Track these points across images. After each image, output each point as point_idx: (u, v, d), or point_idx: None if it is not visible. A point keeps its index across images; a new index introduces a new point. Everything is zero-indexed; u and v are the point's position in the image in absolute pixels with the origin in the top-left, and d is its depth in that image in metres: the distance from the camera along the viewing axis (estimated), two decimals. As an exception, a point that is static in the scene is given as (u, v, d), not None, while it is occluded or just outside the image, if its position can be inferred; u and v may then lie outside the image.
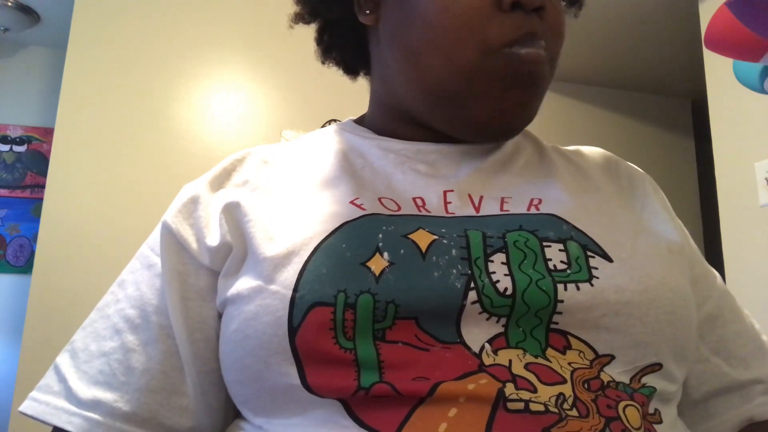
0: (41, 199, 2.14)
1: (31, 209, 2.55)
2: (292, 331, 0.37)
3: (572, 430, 0.34)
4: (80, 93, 2.04)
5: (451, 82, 0.46)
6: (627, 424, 0.36)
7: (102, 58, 2.09)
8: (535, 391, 0.36)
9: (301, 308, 0.38)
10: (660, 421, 0.40)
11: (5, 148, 2.57)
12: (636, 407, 0.38)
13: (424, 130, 0.52)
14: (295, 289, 0.38)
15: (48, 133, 2.55)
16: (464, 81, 0.46)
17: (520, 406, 0.35)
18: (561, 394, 0.36)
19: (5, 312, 2.47)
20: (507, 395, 0.35)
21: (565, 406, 0.36)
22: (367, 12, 0.53)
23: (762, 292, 1.73)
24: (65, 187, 1.96)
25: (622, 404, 0.37)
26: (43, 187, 2.26)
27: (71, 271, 1.90)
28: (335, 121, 2.10)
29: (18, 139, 2.58)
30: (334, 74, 0.65)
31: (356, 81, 0.65)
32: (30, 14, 2.36)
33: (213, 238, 0.46)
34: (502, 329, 0.38)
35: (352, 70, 0.63)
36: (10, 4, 2.27)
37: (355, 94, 0.88)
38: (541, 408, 0.35)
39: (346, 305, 0.37)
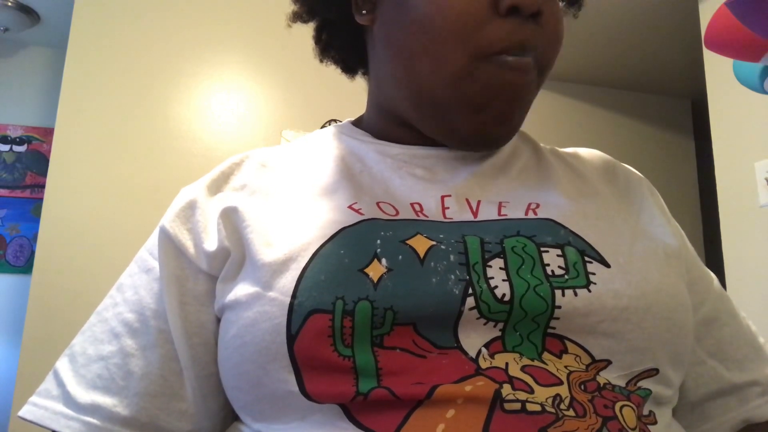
0: (41, 199, 2.14)
1: (31, 209, 2.55)
2: (291, 338, 0.37)
3: (569, 430, 0.34)
4: (80, 93, 2.04)
5: (439, 89, 0.46)
6: (624, 424, 0.36)
7: (102, 58, 2.09)
8: (531, 392, 0.36)
9: (299, 315, 0.38)
10: (655, 422, 0.40)
11: (5, 148, 2.57)
12: (632, 407, 0.38)
13: (420, 133, 0.52)
14: (294, 296, 0.38)
15: (48, 133, 2.55)
16: (451, 87, 0.45)
17: (517, 406, 0.35)
18: (558, 395, 0.36)
19: (5, 312, 2.47)
20: (504, 396, 0.35)
21: (562, 406, 0.36)
22: (364, 12, 0.53)
23: (762, 292, 1.73)
24: (65, 187, 1.96)
25: (618, 404, 0.37)
26: (43, 187, 2.26)
27: (71, 271, 1.90)
28: (335, 121, 2.10)
29: (18, 139, 2.58)
30: (334, 74, 0.65)
31: (356, 81, 0.65)
32: (30, 14, 2.36)
33: (211, 243, 0.45)
34: (499, 333, 0.38)
35: (350, 69, 0.62)
36: (10, 4, 2.27)
37: (354, 95, 0.88)
38: (538, 408, 0.35)
39: (345, 312, 0.37)
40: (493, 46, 0.44)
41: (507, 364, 0.37)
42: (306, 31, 0.62)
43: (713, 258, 2.29)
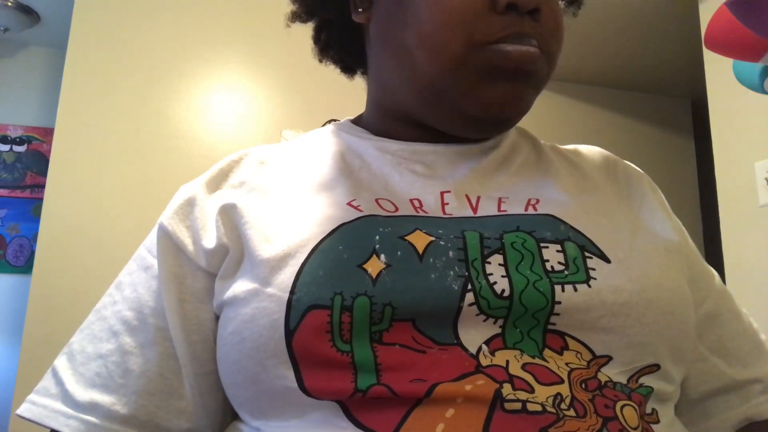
0: (41, 199, 2.14)
1: (31, 209, 2.55)
2: (289, 333, 0.37)
3: (569, 430, 0.34)
4: (80, 93, 2.04)
5: (439, 77, 0.46)
6: (624, 424, 0.36)
7: (102, 58, 2.09)
8: (532, 391, 0.36)
9: (297, 311, 0.37)
10: (657, 421, 0.40)
11: (5, 148, 2.56)
12: (633, 407, 0.38)
13: (420, 130, 0.52)
14: (292, 292, 0.38)
15: (48, 133, 2.55)
16: (451, 75, 0.45)
17: (518, 406, 0.35)
18: (558, 394, 0.36)
19: (5, 312, 2.47)
20: (504, 396, 0.35)
21: (563, 406, 0.35)
22: (360, 10, 0.53)
23: (762, 292, 1.73)
24: (65, 187, 1.96)
25: (619, 404, 0.37)
26: (43, 187, 2.26)
27: (71, 271, 1.90)
28: (335, 121, 2.10)
29: (18, 139, 2.58)
30: (334, 74, 0.65)
31: (356, 81, 0.65)
32: (30, 14, 2.36)
33: (209, 240, 0.45)
34: (499, 330, 0.38)
35: (349, 69, 0.63)
36: (10, 4, 2.27)
37: (354, 94, 0.88)
38: (539, 408, 0.35)
39: (343, 308, 0.37)
40: (489, 36, 0.44)
41: (507, 361, 0.37)
42: (306, 31, 0.61)
43: (713, 258, 2.28)
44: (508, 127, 0.50)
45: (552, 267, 0.40)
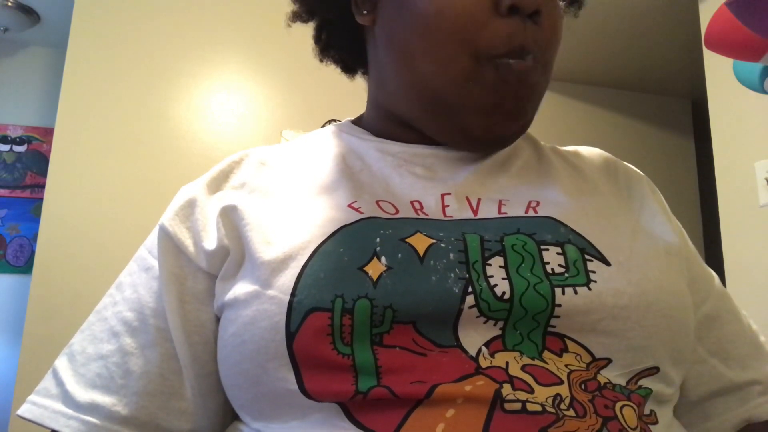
0: (41, 199, 2.14)
1: (31, 209, 2.55)
2: (290, 336, 0.37)
3: (569, 430, 0.34)
4: (80, 93, 2.04)
5: (446, 91, 0.46)
6: (624, 424, 0.36)
7: (102, 58, 2.09)
8: (532, 391, 0.36)
9: (298, 313, 0.38)
10: (656, 422, 0.40)
11: (5, 148, 2.57)
12: (632, 407, 0.38)
13: (421, 133, 0.52)
14: (293, 294, 0.38)
15: (48, 133, 2.55)
16: (458, 90, 0.45)
17: (517, 406, 0.35)
18: (558, 394, 0.36)
19: (5, 312, 2.47)
20: (504, 396, 0.35)
21: (562, 406, 0.36)
22: (365, 12, 0.53)
23: (762, 292, 1.73)
24: (65, 187, 1.96)
25: (619, 404, 0.37)
26: (43, 187, 2.26)
27: (71, 271, 1.90)
28: (335, 121, 2.10)
29: (18, 139, 2.58)
30: (334, 74, 0.65)
31: (356, 81, 0.65)
32: (30, 14, 2.36)
33: (210, 242, 0.45)
34: (499, 332, 0.38)
35: (350, 69, 0.63)
36: (10, 4, 2.27)
37: (355, 94, 0.88)
38: (539, 408, 0.35)
39: (344, 310, 0.37)
40: (495, 48, 0.44)
41: (507, 363, 0.37)
42: (306, 31, 0.61)
43: (713, 258, 2.28)
44: (508, 144, 0.51)
45: (552, 269, 0.40)
